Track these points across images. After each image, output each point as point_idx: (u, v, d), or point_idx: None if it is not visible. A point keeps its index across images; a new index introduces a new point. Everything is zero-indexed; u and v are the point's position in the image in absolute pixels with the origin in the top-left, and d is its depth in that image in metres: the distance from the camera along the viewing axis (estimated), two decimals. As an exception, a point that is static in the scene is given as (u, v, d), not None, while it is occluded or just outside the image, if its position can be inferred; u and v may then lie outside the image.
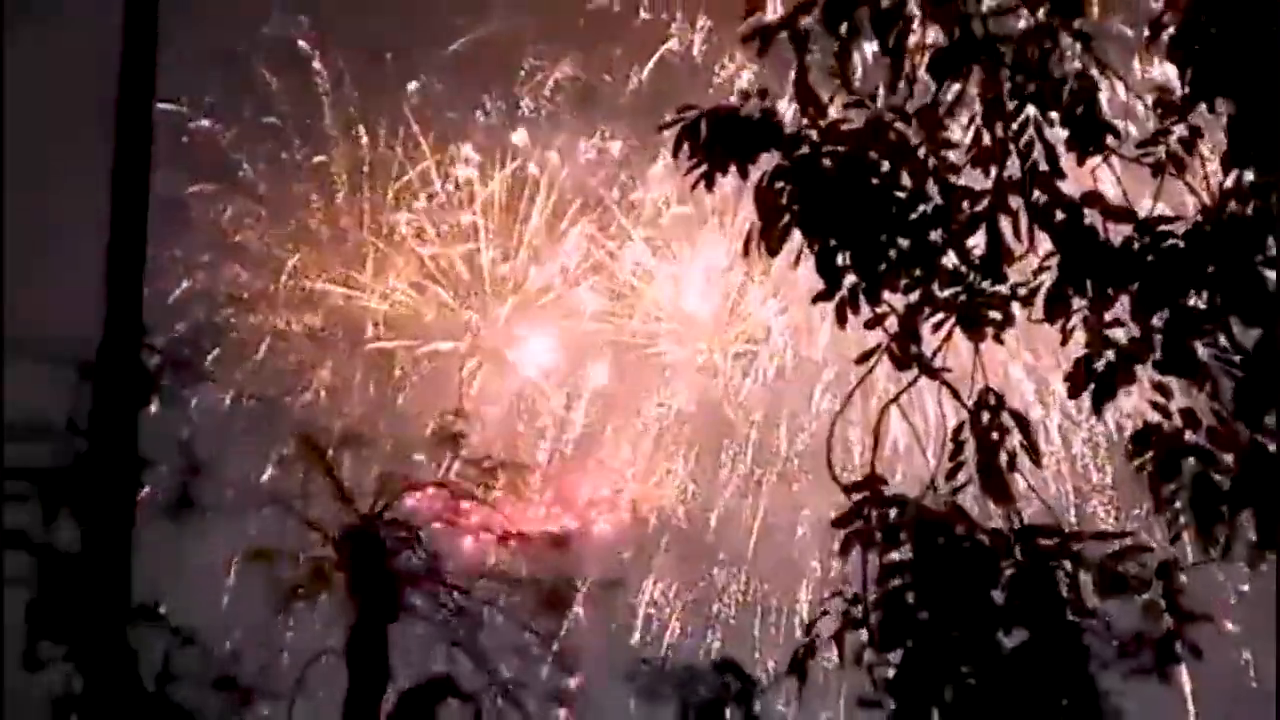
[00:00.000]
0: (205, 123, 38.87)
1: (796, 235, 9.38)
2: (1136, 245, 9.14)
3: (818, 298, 9.42)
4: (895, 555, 9.19)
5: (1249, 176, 9.19)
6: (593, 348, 39.81)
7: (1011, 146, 9.45)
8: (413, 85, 40.06)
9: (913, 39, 9.42)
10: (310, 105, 40.13)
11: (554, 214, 40.18)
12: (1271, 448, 9.12)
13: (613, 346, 39.76)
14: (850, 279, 9.33)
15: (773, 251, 9.38)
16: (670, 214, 40.12)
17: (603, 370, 39.89)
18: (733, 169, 9.50)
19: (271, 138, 39.39)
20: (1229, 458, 9.24)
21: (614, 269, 40.08)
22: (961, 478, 9.41)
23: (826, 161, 9.32)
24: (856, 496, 9.32)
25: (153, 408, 21.10)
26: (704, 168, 9.55)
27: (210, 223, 38.19)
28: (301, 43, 39.96)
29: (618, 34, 40.21)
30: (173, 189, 36.15)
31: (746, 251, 9.48)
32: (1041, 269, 9.30)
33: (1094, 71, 9.53)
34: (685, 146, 9.55)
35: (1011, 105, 9.46)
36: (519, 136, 40.39)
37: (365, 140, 39.84)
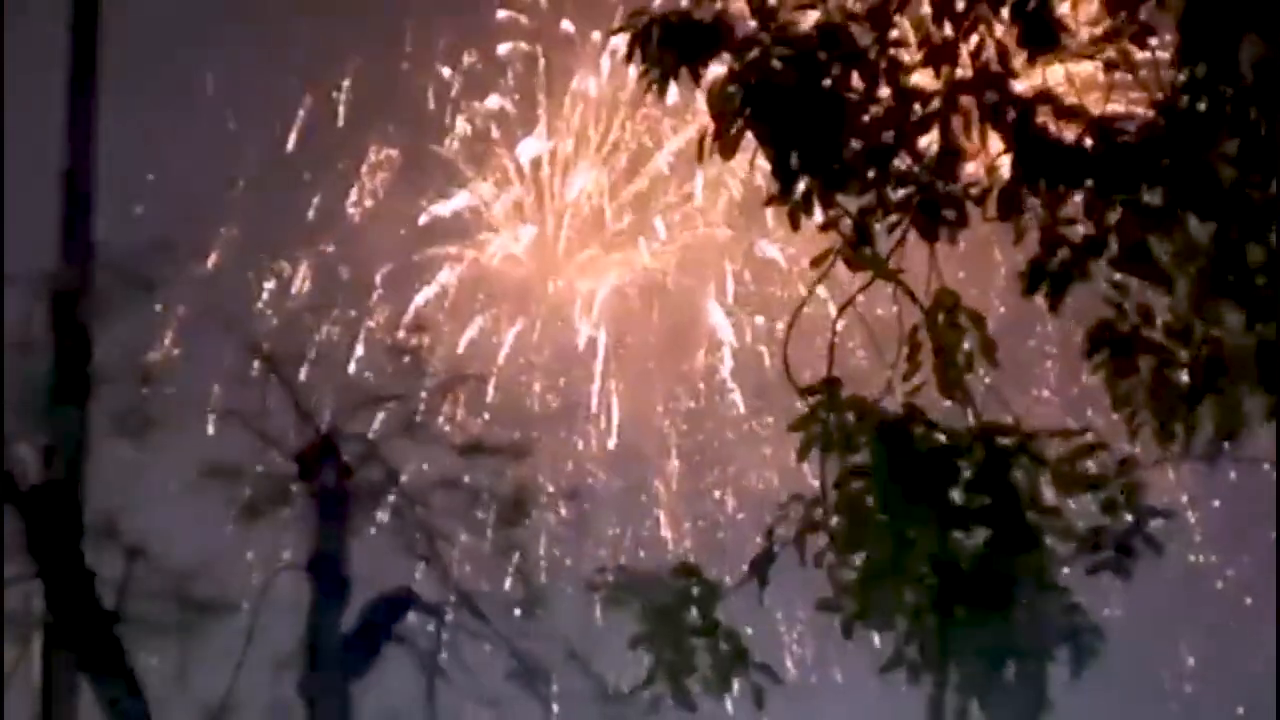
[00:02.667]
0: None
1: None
2: (1090, 143, 9.13)
3: (770, 201, 9.40)
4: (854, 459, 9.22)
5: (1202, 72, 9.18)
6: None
7: (962, 46, 9.41)
8: None
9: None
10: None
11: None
12: (1228, 343, 9.16)
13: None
14: (803, 182, 9.31)
15: (726, 155, 9.36)
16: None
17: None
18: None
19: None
20: (1185, 354, 9.28)
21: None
22: (918, 379, 9.42)
23: (777, 64, 9.27)
24: (814, 399, 9.32)
25: (105, 324, 21.02)
26: (656, 73, 9.52)
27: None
28: None
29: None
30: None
31: (701, 156, 9.45)
32: (994, 168, 9.28)
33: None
34: (637, 52, 9.51)
35: (962, 4, 9.41)
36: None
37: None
